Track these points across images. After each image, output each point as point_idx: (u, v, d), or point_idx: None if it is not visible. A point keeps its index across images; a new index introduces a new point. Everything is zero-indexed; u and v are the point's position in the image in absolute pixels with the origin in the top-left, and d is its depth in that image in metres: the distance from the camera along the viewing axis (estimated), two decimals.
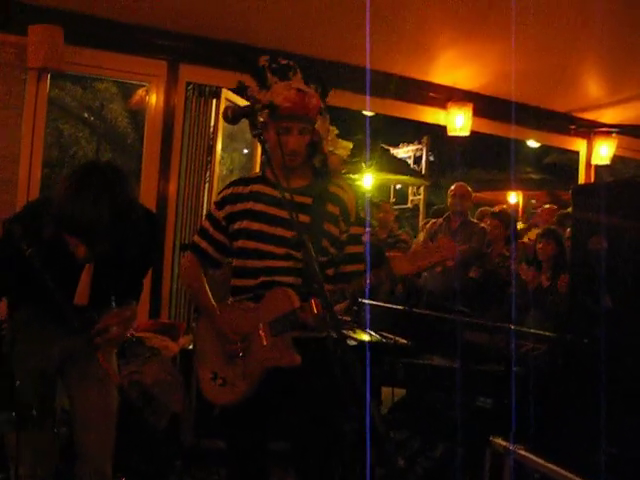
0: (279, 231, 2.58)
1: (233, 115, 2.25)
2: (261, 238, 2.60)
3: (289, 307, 2.47)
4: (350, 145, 3.03)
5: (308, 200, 2.63)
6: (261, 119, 2.56)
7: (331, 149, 2.87)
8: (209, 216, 2.81)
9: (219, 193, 2.82)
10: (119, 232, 2.34)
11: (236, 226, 2.66)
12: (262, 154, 4.93)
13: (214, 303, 2.72)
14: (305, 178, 2.70)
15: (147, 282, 5.21)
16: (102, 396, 2.72)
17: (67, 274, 2.47)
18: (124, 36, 5.23)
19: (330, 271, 2.66)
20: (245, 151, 13.14)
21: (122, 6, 4.96)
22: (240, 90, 2.88)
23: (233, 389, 2.58)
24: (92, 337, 2.49)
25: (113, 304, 2.67)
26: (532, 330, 3.70)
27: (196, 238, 2.83)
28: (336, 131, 2.89)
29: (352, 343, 4.01)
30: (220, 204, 2.74)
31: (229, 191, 2.74)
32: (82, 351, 2.59)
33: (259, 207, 2.63)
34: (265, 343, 2.53)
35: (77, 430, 2.74)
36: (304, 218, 2.53)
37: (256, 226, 2.61)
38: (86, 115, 14.23)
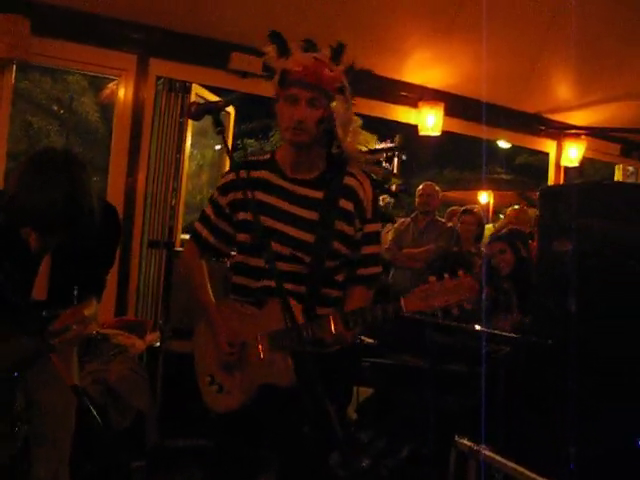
0: (285, 228, 2.33)
1: (196, 111, 2.11)
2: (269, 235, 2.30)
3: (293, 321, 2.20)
4: (373, 140, 2.63)
5: (318, 194, 2.36)
6: (273, 86, 2.34)
7: (349, 140, 2.40)
8: (212, 201, 2.51)
9: (223, 176, 2.54)
10: (73, 221, 2.26)
11: (240, 216, 2.39)
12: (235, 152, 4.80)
13: (213, 300, 2.49)
14: (317, 168, 2.40)
15: (114, 279, 5.16)
16: (60, 399, 2.65)
17: (23, 268, 2.41)
18: (94, 28, 5.15)
19: (340, 276, 2.41)
20: (217, 147, 13.07)
21: None
22: (275, 38, 2.49)
23: (228, 398, 2.39)
24: (48, 337, 2.41)
25: (74, 300, 2.59)
26: (497, 332, 3.70)
27: (197, 225, 2.55)
28: (360, 121, 2.44)
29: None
30: (224, 189, 2.44)
31: (234, 175, 2.34)
32: (37, 352, 2.52)
33: (266, 198, 2.36)
34: (262, 357, 2.30)
35: (32, 434, 2.68)
36: (312, 215, 2.33)
37: (264, 220, 2.28)
38: (55, 108, 14.04)
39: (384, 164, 14.00)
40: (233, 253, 2.57)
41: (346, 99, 2.33)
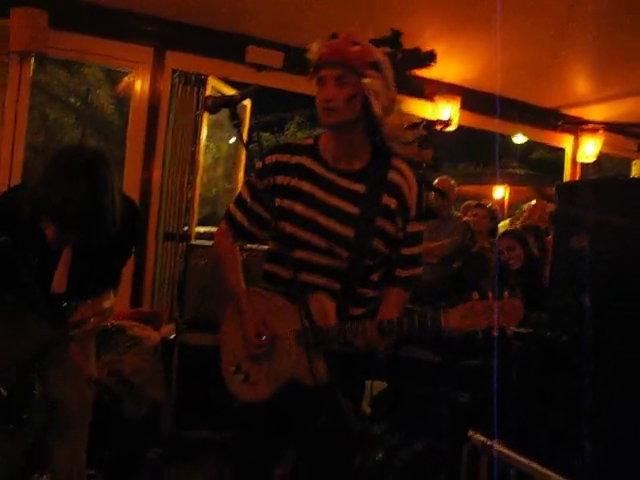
0: (324, 220, 2.24)
1: (213, 105, 2.08)
2: (302, 224, 2.24)
3: (322, 320, 2.14)
4: (421, 126, 2.49)
5: (361, 187, 2.26)
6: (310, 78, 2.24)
7: (391, 120, 2.24)
8: (248, 184, 2.43)
9: (261, 158, 2.39)
10: (93, 220, 2.28)
11: (277, 202, 2.27)
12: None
13: (243, 287, 2.40)
14: (361, 159, 2.29)
15: (129, 271, 5.19)
16: (77, 390, 2.68)
17: (44, 261, 2.43)
18: (110, 21, 5.18)
19: (376, 275, 2.33)
20: (232, 140, 13.09)
21: None
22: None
23: (255, 389, 2.33)
24: (67, 329, 2.44)
25: (92, 293, 2.61)
26: (512, 327, 3.69)
27: (231, 207, 2.46)
28: (401, 104, 2.29)
29: None
30: (262, 172, 2.32)
31: (273, 158, 2.33)
32: (58, 343, 2.55)
33: (304, 186, 2.27)
34: (291, 352, 2.24)
35: (50, 425, 2.70)
36: (353, 209, 2.24)
37: (298, 208, 2.25)
38: (72, 100, 14.10)
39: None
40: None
41: (383, 75, 2.19)
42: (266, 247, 2.58)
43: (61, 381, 2.65)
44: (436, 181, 6.39)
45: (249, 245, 2.85)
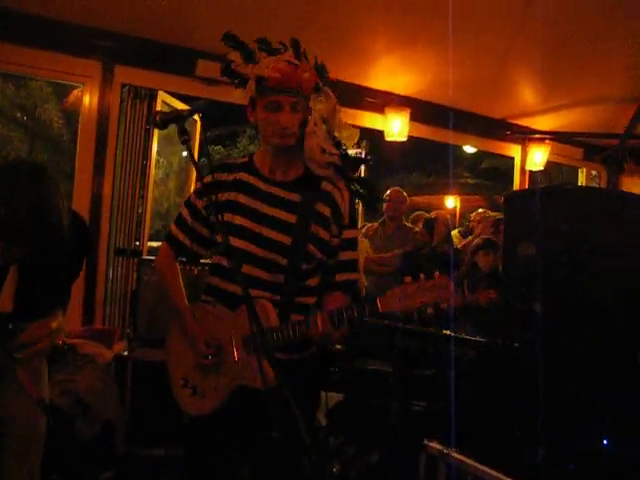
0: (262, 230, 2.33)
1: (161, 120, 2.06)
2: (242, 235, 2.33)
3: (265, 323, 2.16)
4: (357, 132, 2.53)
5: (296, 197, 2.37)
6: (249, 95, 2.35)
7: (336, 134, 2.40)
8: (188, 204, 2.51)
9: (199, 180, 2.53)
10: (39, 233, 2.25)
11: (217, 218, 2.29)
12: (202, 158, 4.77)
13: (186, 303, 2.47)
14: (295, 170, 2.41)
15: (80, 287, 5.10)
16: (28, 412, 2.61)
17: None
18: (58, 35, 5.09)
19: (314, 281, 2.40)
20: (184, 154, 13.00)
21: (56, 3, 4.84)
22: (225, 69, 2.51)
23: (203, 401, 2.38)
24: (14, 350, 2.38)
25: (40, 313, 2.55)
26: (464, 336, 3.74)
27: (173, 228, 2.54)
28: (341, 113, 2.44)
29: None
30: (200, 192, 2.45)
31: (211, 177, 2.42)
32: (5, 365, 2.48)
33: (242, 199, 2.37)
34: (238, 359, 2.29)
35: (5, 445, 2.63)
36: (290, 217, 2.34)
37: (238, 221, 2.34)
38: (19, 115, 13.86)
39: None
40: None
41: (325, 95, 2.37)
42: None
43: (11, 403, 2.58)
44: (388, 192, 6.45)
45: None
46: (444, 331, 3.70)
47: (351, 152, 2.59)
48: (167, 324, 2.61)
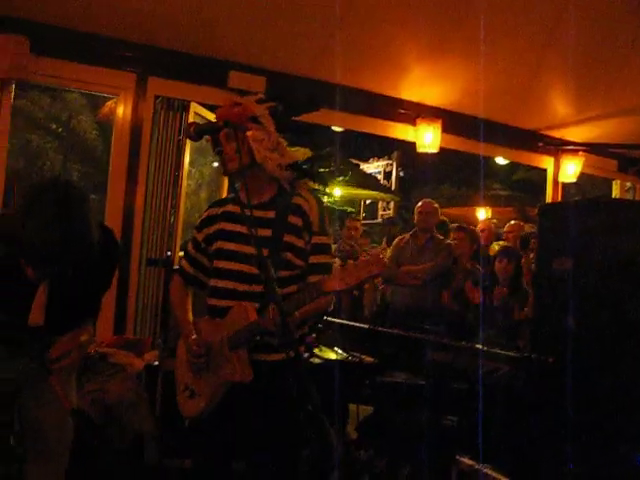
0: (243, 248, 2.62)
1: (196, 132, 2.32)
2: (232, 257, 2.66)
3: (245, 320, 2.51)
4: (308, 152, 2.97)
5: (271, 214, 2.67)
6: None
7: (289, 157, 2.75)
8: (192, 238, 2.90)
9: (200, 216, 2.91)
10: (70, 257, 2.29)
11: (213, 247, 2.74)
12: None
13: (189, 319, 2.80)
14: (268, 192, 2.73)
15: (112, 297, 5.14)
16: (57, 422, 2.64)
17: (20, 293, 2.40)
18: (92, 48, 5.17)
19: (292, 288, 2.61)
20: (215, 164, 13.09)
21: (90, 17, 4.91)
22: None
23: (196, 401, 2.65)
24: (47, 363, 2.41)
25: (71, 325, 2.59)
26: (498, 350, 3.69)
27: (181, 259, 2.95)
28: (285, 142, 2.79)
29: (317, 361, 3.98)
30: (199, 227, 2.84)
31: (206, 214, 2.84)
32: (37, 375, 2.50)
33: (229, 227, 2.70)
34: (223, 356, 2.57)
35: (30, 453, 2.65)
36: (265, 232, 2.60)
37: (227, 245, 2.68)
38: (54, 126, 14.05)
39: (382, 181, 14.07)
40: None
41: (262, 126, 2.66)
42: None
43: (42, 413, 2.60)
44: (419, 203, 6.42)
45: None
46: (476, 345, 3.65)
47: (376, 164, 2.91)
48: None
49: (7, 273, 2.36)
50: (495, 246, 7.10)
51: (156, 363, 4.39)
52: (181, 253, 6.39)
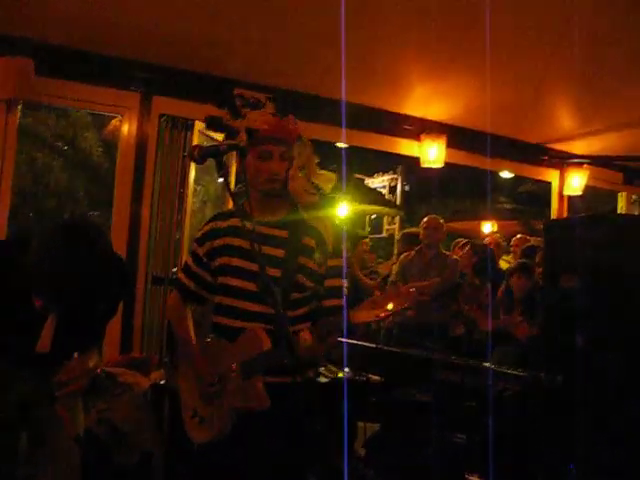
0: (253, 266, 2.49)
1: (200, 155, 2.24)
2: (239, 274, 2.57)
3: (259, 349, 2.42)
4: (333, 176, 2.88)
5: (284, 233, 2.60)
6: (241, 144, 2.54)
7: (313, 179, 2.79)
8: (191, 252, 2.79)
9: (200, 229, 2.79)
10: (87, 292, 2.33)
11: (217, 262, 2.64)
12: (238, 185, 4.88)
13: (193, 339, 2.71)
14: (282, 210, 2.65)
15: (118, 315, 5.09)
16: (64, 447, 2.64)
17: (29, 322, 2.41)
18: (97, 67, 5.19)
19: (303, 310, 2.59)
20: (220, 180, 13.11)
21: (94, 37, 4.94)
22: (213, 123, 2.88)
23: (210, 427, 2.56)
24: (52, 388, 2.42)
25: (77, 352, 2.60)
26: (507, 369, 3.67)
27: (180, 274, 2.83)
28: (317, 159, 2.81)
29: (324, 380, 3.96)
30: (201, 240, 2.72)
31: (209, 227, 2.72)
32: (43, 401, 2.50)
33: (236, 242, 2.59)
34: (237, 384, 2.48)
35: (37, 477, 2.65)
36: (278, 252, 2.54)
37: (235, 262, 2.58)
38: (59, 144, 14.11)
39: (387, 195, 14.02)
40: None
41: (304, 145, 2.69)
42: None
43: (50, 437, 2.60)
44: (425, 219, 6.41)
45: None
46: (485, 364, 3.63)
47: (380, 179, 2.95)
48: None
49: (18, 300, 2.38)
50: (504, 262, 7.10)
51: (162, 382, 4.39)
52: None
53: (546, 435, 3.36)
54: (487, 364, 3.64)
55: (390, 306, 2.34)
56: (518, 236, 7.80)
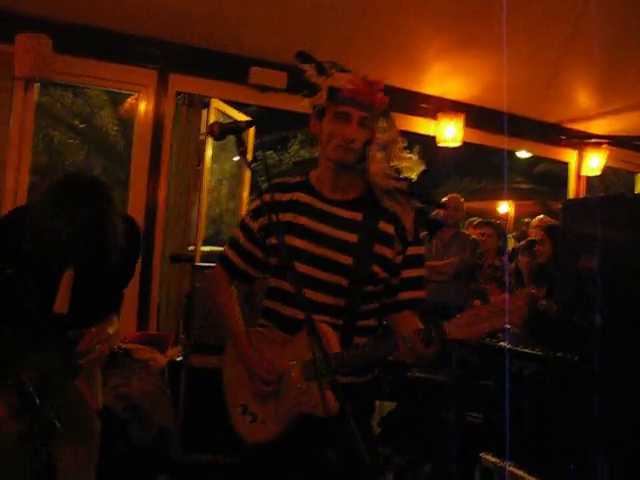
0: (323, 251, 2.24)
1: (220, 131, 2.07)
2: (302, 258, 2.23)
3: (327, 350, 2.08)
4: (419, 164, 2.38)
5: (358, 216, 2.28)
6: (319, 102, 2.26)
7: (395, 163, 2.30)
8: (242, 225, 2.44)
9: (254, 199, 2.44)
10: (97, 249, 2.32)
11: (274, 240, 2.29)
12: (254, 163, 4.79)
13: (243, 328, 2.40)
14: (356, 189, 2.32)
15: (135, 293, 5.18)
16: (85, 422, 2.66)
17: (45, 283, 2.43)
18: (114, 45, 5.19)
19: (374, 304, 2.31)
20: (236, 158, 13.10)
21: (112, 15, 4.94)
22: (306, 58, 2.47)
23: (264, 428, 2.29)
24: (74, 359, 2.43)
25: (96, 316, 2.61)
26: (523, 349, 3.67)
27: (226, 249, 2.48)
28: (403, 144, 2.34)
29: None
30: (255, 213, 2.35)
31: (267, 198, 2.26)
32: (65, 375, 2.52)
33: (301, 220, 2.28)
34: (299, 386, 2.21)
35: (58, 452, 2.68)
36: (351, 237, 2.25)
37: (298, 243, 2.25)
38: (76, 122, 14.16)
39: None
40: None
41: (390, 122, 2.28)
42: None
43: (71, 411, 2.62)
44: (445, 198, 6.37)
45: None
46: (501, 344, 3.63)
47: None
48: (219, 336, 2.58)
49: (33, 262, 2.39)
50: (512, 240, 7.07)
51: (179, 359, 4.43)
52: (205, 248, 6.44)
53: (563, 414, 3.36)
54: (503, 343, 3.63)
55: (499, 323, 2.03)
56: (541, 216, 7.71)
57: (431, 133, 6.68)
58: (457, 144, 6.63)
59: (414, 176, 2.36)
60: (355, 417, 1.71)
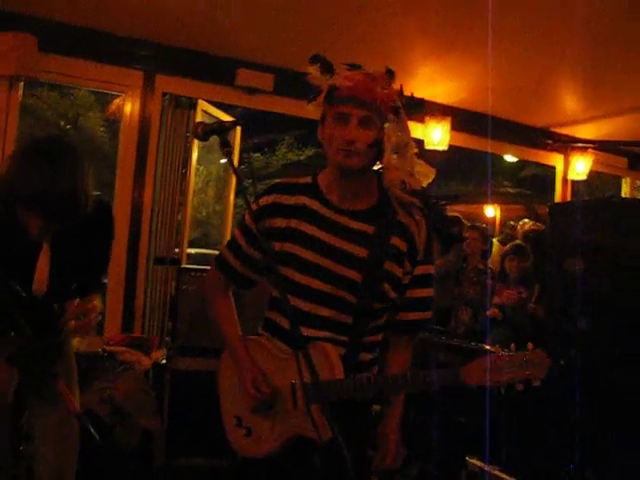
0: (328, 264, 2.08)
1: (204, 132, 1.97)
2: (305, 269, 2.09)
3: (329, 375, 1.98)
4: (433, 172, 2.20)
5: (369, 228, 2.10)
6: (318, 104, 2.12)
7: (408, 169, 2.09)
8: (242, 226, 2.27)
9: (257, 198, 2.19)
10: (73, 210, 2.32)
11: (275, 247, 2.12)
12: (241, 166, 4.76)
13: (241, 337, 2.27)
14: (367, 197, 2.15)
15: (120, 295, 5.15)
16: (62, 422, 2.64)
17: (22, 260, 2.41)
18: (100, 45, 5.17)
19: (383, 319, 2.18)
20: (223, 160, 13.08)
21: (98, 14, 4.90)
22: (313, 59, 2.26)
23: (258, 443, 2.17)
24: (62, 324, 2.41)
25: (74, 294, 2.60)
26: (507, 352, 3.66)
27: (224, 250, 2.32)
28: (416, 149, 2.14)
29: None
30: (258, 215, 2.12)
31: (270, 199, 2.17)
32: (43, 378, 2.48)
33: (305, 228, 2.12)
34: (298, 407, 2.07)
35: (37, 456, 2.66)
36: (361, 252, 2.08)
37: (300, 252, 2.10)
38: (62, 123, 14.08)
39: None
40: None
41: (400, 122, 2.08)
42: None
43: (46, 413, 2.60)
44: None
45: None
46: (487, 347, 3.63)
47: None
48: (212, 332, 2.46)
49: (7, 233, 2.38)
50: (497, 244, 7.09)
51: (164, 361, 4.40)
52: (191, 250, 6.39)
53: (546, 418, 3.36)
54: (487, 347, 3.63)
55: (521, 375, 1.90)
56: (525, 220, 7.74)
57: (419, 136, 6.68)
58: (444, 147, 6.64)
59: (425, 183, 2.20)
60: (350, 437, 1.65)
